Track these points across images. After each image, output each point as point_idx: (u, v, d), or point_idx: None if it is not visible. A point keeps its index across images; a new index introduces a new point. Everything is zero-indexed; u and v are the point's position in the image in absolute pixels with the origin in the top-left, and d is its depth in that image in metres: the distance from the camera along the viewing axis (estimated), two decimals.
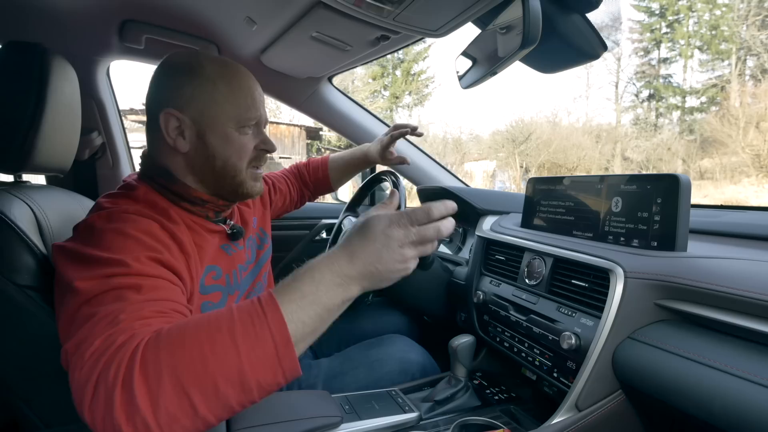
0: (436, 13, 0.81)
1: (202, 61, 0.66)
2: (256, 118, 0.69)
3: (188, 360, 0.40)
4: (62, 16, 0.99)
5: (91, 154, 1.30)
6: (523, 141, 15.16)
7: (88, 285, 0.47)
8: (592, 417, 0.66)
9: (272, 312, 0.43)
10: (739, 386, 0.50)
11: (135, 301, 0.46)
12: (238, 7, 0.94)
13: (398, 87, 20.10)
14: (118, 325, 0.43)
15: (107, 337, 0.42)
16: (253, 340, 0.42)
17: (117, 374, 0.39)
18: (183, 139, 0.65)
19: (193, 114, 0.65)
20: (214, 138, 0.66)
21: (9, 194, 0.64)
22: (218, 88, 0.65)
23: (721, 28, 14.35)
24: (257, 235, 0.87)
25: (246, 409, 0.55)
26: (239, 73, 0.68)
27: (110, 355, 0.40)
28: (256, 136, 0.70)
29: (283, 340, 0.42)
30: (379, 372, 0.88)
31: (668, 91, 15.96)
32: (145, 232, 0.55)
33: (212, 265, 0.68)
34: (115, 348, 0.41)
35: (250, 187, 0.71)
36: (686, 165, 13.11)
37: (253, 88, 0.69)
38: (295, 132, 13.54)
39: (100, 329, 0.43)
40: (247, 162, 0.69)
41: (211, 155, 0.66)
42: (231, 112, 0.66)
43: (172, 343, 0.41)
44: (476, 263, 1.05)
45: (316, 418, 0.60)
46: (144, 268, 0.51)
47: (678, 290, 0.61)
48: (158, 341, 0.41)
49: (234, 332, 0.42)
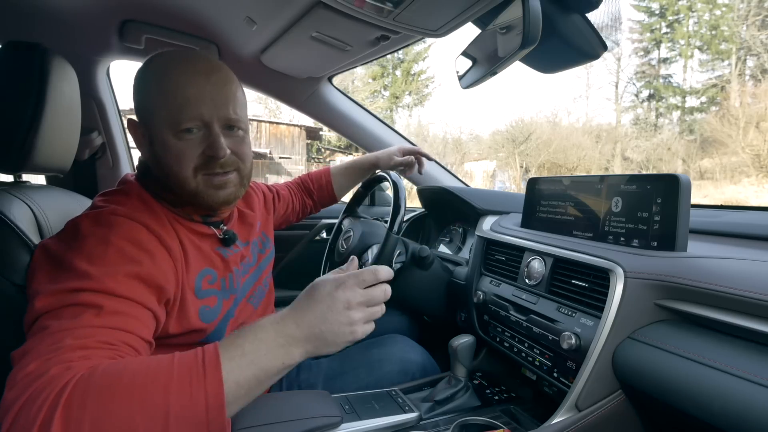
0: (436, 13, 0.81)
1: (151, 61, 0.63)
2: (197, 119, 0.60)
3: (114, 413, 0.38)
4: (62, 16, 0.99)
5: (91, 154, 1.30)
6: (523, 141, 15.16)
7: (51, 300, 0.47)
8: (592, 417, 0.66)
9: (212, 372, 0.42)
10: (739, 386, 0.50)
11: (88, 325, 0.45)
12: (238, 7, 0.94)
13: (398, 87, 20.11)
14: (58, 352, 0.42)
15: (43, 362, 0.41)
16: (186, 400, 0.40)
17: (39, 412, 0.37)
18: (143, 146, 0.65)
19: (142, 119, 0.64)
20: (157, 145, 0.61)
21: (9, 194, 0.64)
22: (151, 90, 0.61)
23: (721, 28, 14.35)
24: (259, 239, 0.86)
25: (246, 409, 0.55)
26: (173, 71, 0.60)
27: (38, 387, 0.39)
28: (204, 139, 0.61)
29: (216, 403, 0.41)
30: (379, 372, 0.88)
31: (668, 91, 15.97)
32: (130, 240, 0.54)
33: (208, 269, 0.67)
34: (45, 379, 0.39)
35: (209, 196, 0.64)
36: (686, 165, 13.11)
37: (188, 85, 0.59)
38: (295, 132, 13.54)
39: (42, 349, 0.43)
40: (192, 170, 0.61)
41: (158, 163, 0.62)
42: (163, 117, 0.60)
43: (103, 390, 0.39)
44: (476, 263, 1.05)
45: (316, 418, 0.60)
46: (115, 287, 0.49)
47: (678, 290, 0.61)
48: (89, 384, 0.39)
49: (168, 388, 0.40)
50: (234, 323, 0.71)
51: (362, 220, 1.15)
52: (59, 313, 0.46)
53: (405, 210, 0.95)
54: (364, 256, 1.04)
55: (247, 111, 0.70)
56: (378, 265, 0.53)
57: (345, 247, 1.08)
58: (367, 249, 1.05)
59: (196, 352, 0.44)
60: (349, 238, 1.11)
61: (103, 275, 0.49)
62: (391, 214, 0.94)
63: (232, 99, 0.63)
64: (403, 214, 0.94)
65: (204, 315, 0.64)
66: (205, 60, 0.63)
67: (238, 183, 0.68)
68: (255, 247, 0.84)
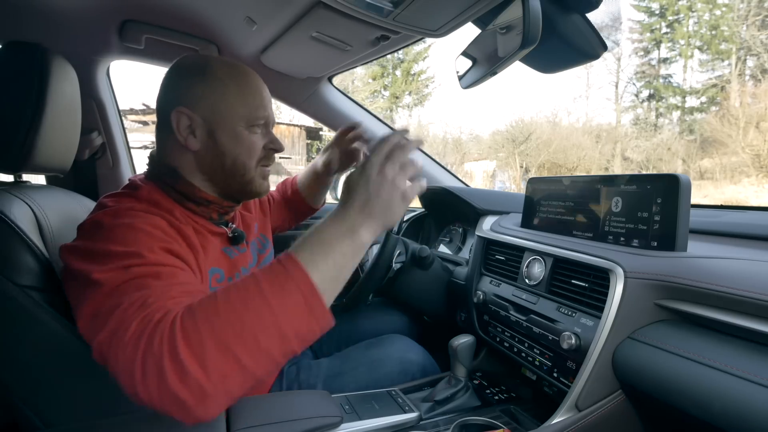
0: (436, 13, 0.81)
1: (212, 63, 0.68)
2: (265, 118, 0.70)
3: (225, 321, 0.42)
4: (62, 16, 0.98)
5: (91, 154, 1.30)
6: (523, 141, 15.16)
7: (108, 276, 0.48)
8: (592, 417, 0.66)
9: (292, 266, 0.45)
10: (739, 386, 0.50)
11: (158, 287, 0.47)
12: (238, 7, 0.94)
13: (398, 87, 20.11)
14: (150, 307, 0.44)
15: (143, 319, 0.43)
16: (280, 293, 0.44)
17: (161, 346, 0.40)
18: (194, 137, 0.66)
19: (204, 112, 0.66)
20: (225, 136, 0.67)
21: (9, 194, 0.64)
22: (229, 87, 0.67)
23: (721, 28, 14.35)
24: (258, 240, 0.88)
25: (246, 409, 0.55)
26: (248, 74, 0.70)
27: (150, 332, 0.41)
28: (265, 135, 0.72)
29: (309, 289, 0.45)
30: (379, 372, 0.88)
31: (668, 91, 15.97)
32: (154, 226, 0.56)
33: (215, 268, 0.68)
34: (153, 324, 0.42)
35: (259, 185, 0.72)
36: (686, 165, 13.11)
37: (262, 89, 0.71)
38: (295, 132, 13.54)
39: (132, 314, 0.44)
40: (257, 161, 0.70)
41: (221, 153, 0.67)
42: (241, 111, 0.67)
43: (207, 309, 0.43)
44: (476, 263, 1.05)
45: (316, 418, 0.60)
46: (159, 258, 0.52)
47: (678, 290, 0.61)
48: (193, 311, 0.43)
49: (262, 290, 0.44)
50: None
51: None
52: (124, 289, 0.47)
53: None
54: (364, 256, 1.04)
55: None
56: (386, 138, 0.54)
57: None
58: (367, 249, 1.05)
59: (271, 262, 0.47)
60: None
61: (144, 251, 0.51)
62: None
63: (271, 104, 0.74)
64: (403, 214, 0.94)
65: None
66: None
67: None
68: (254, 248, 0.85)
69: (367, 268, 0.95)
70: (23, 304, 0.57)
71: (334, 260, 0.47)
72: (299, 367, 0.88)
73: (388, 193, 0.51)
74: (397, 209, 0.52)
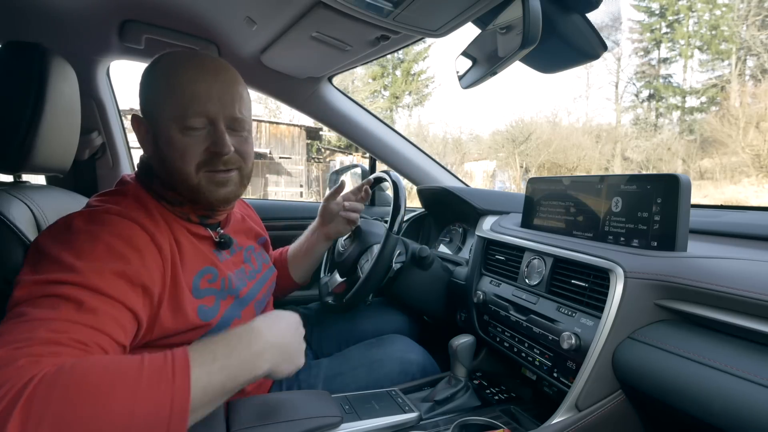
0: (436, 13, 0.81)
1: (160, 60, 0.64)
2: (203, 116, 0.61)
3: (78, 414, 0.38)
4: (62, 16, 0.99)
5: (91, 154, 1.30)
6: (523, 141, 15.16)
7: (32, 289, 0.47)
8: (592, 417, 0.66)
9: (181, 377, 0.42)
10: (739, 386, 0.50)
11: (64, 319, 0.45)
12: (238, 7, 0.94)
13: (398, 87, 20.11)
14: (29, 343, 0.42)
15: (12, 351, 0.41)
16: (152, 405, 0.40)
17: (2, 400, 0.36)
18: (147, 142, 0.66)
19: (147, 115, 0.65)
20: (161, 141, 0.62)
21: (8, 194, 0.64)
22: (159, 86, 0.62)
23: (721, 28, 14.35)
24: (262, 251, 0.89)
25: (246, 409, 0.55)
26: (182, 68, 0.62)
27: (2, 376, 0.38)
28: (208, 136, 0.63)
29: (181, 410, 0.41)
30: (379, 372, 0.88)
31: (668, 91, 15.97)
32: (120, 237, 0.54)
33: (208, 267, 0.67)
34: (12, 369, 0.39)
35: (209, 192, 0.65)
36: (686, 165, 13.11)
37: (196, 82, 0.61)
38: (295, 132, 13.54)
39: (13, 336, 0.42)
40: (195, 166, 0.63)
41: (161, 159, 0.63)
42: (169, 112, 0.61)
43: (68, 388, 0.38)
44: (476, 263, 1.05)
45: (316, 418, 0.60)
46: (99, 284, 0.49)
47: (678, 290, 0.61)
48: (55, 381, 0.38)
49: (136, 392, 0.40)
50: (238, 324, 0.71)
51: (362, 220, 1.15)
52: (38, 302, 0.46)
53: (405, 210, 0.95)
54: (364, 256, 1.04)
55: (251, 112, 0.71)
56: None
57: (345, 247, 1.08)
58: (367, 249, 1.05)
59: (165, 355, 0.44)
60: (349, 239, 1.11)
61: (88, 270, 0.49)
62: (391, 214, 0.94)
63: (238, 99, 0.65)
64: (403, 214, 0.94)
65: (202, 313, 0.64)
66: (214, 60, 0.65)
67: (238, 182, 0.69)
68: (259, 257, 0.85)
69: (367, 268, 0.95)
70: None
71: (222, 382, 0.46)
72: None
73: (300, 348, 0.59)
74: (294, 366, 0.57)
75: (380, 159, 1.56)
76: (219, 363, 0.46)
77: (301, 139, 13.67)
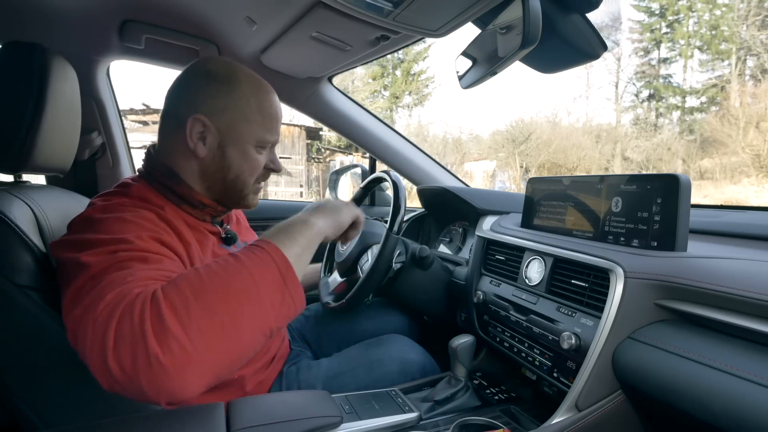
0: (436, 13, 0.81)
1: (239, 75, 0.68)
2: (275, 141, 0.73)
3: (209, 284, 0.43)
4: (62, 16, 0.99)
5: (91, 154, 1.30)
6: (523, 141, 15.16)
7: (94, 260, 0.48)
8: (592, 417, 0.66)
9: (266, 244, 0.51)
10: (739, 386, 0.50)
11: (142, 269, 0.47)
12: (238, 7, 0.94)
13: (398, 87, 20.10)
14: (130, 283, 0.44)
15: (119, 291, 0.42)
16: (259, 264, 0.48)
17: (143, 312, 0.39)
18: (203, 144, 0.67)
19: (221, 124, 0.67)
20: (234, 151, 0.68)
21: (9, 194, 0.64)
22: (250, 106, 0.68)
23: (721, 28, 14.35)
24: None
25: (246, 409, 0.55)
26: (271, 95, 0.71)
27: (129, 302, 0.41)
28: (269, 155, 0.74)
29: (283, 261, 0.50)
30: (379, 372, 0.88)
31: (668, 91, 15.97)
32: (144, 218, 0.57)
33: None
34: (133, 295, 0.41)
35: (251, 200, 0.75)
36: (686, 165, 13.12)
37: (279, 112, 0.73)
38: (295, 132, 13.54)
39: (109, 288, 0.43)
40: (255, 178, 0.73)
41: (226, 166, 0.69)
42: (256, 132, 0.69)
43: (190, 277, 0.44)
44: (476, 263, 1.05)
45: (316, 418, 0.60)
46: (147, 245, 0.52)
47: (678, 290, 0.61)
48: (175, 281, 0.43)
49: (242, 261, 0.47)
50: None
51: None
52: (107, 271, 0.47)
53: (405, 210, 0.95)
54: (364, 256, 1.04)
55: None
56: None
57: (345, 247, 1.08)
58: (367, 249, 1.05)
59: (247, 245, 0.52)
60: None
61: (132, 238, 0.52)
62: (391, 214, 0.94)
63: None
64: (403, 214, 0.94)
65: None
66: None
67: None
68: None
69: (367, 268, 0.95)
70: (23, 304, 0.57)
71: (299, 243, 0.55)
72: (299, 367, 0.88)
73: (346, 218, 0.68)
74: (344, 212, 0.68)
75: (380, 159, 1.56)
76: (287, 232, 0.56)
77: (301, 139, 13.67)
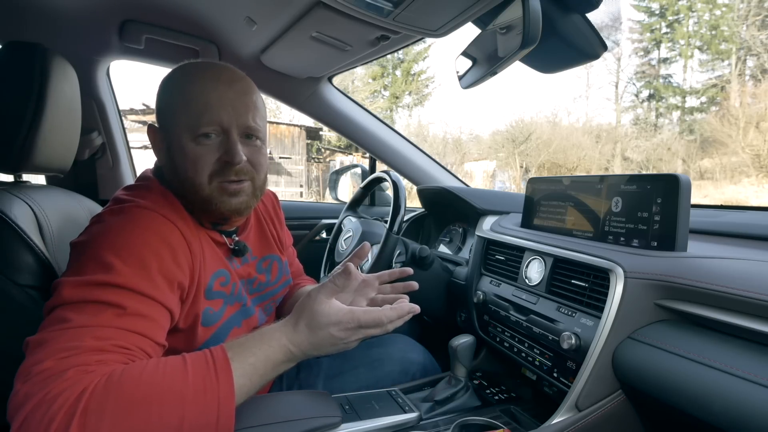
0: (436, 13, 0.81)
1: (175, 70, 0.64)
2: (216, 125, 0.60)
3: (132, 424, 0.40)
4: (62, 16, 0.99)
5: (91, 154, 1.30)
6: (523, 141, 15.16)
7: (76, 292, 0.48)
8: (592, 417, 0.66)
9: (224, 380, 0.46)
10: (739, 386, 0.50)
11: (108, 325, 0.46)
12: (238, 7, 0.94)
13: (398, 87, 20.10)
14: (76, 352, 0.43)
15: (60, 361, 0.42)
16: (201, 408, 0.43)
17: (55, 415, 0.38)
18: (160, 152, 0.66)
19: (162, 124, 0.65)
20: (174, 151, 0.62)
21: (9, 194, 0.64)
22: (174, 95, 0.62)
23: (721, 28, 14.35)
24: (287, 263, 0.87)
25: (246, 409, 0.55)
26: (197, 77, 0.62)
27: (55, 388, 0.40)
28: (221, 146, 0.61)
29: (227, 410, 0.45)
30: (379, 372, 0.88)
31: (668, 91, 15.97)
32: (156, 233, 0.56)
33: (222, 270, 0.67)
34: (63, 381, 0.40)
35: (221, 203, 0.63)
36: (686, 165, 13.12)
37: (210, 91, 0.60)
38: (295, 132, 13.54)
39: (60, 345, 0.43)
40: (208, 176, 0.61)
41: (174, 169, 0.63)
42: (183, 121, 0.60)
43: (120, 399, 0.41)
44: (476, 263, 1.05)
45: (316, 418, 0.60)
46: (139, 284, 0.50)
47: (678, 290, 0.61)
48: (107, 393, 0.41)
49: (184, 398, 0.43)
50: (237, 333, 0.70)
51: (362, 220, 1.15)
52: (82, 308, 0.47)
53: (405, 210, 0.95)
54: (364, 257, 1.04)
55: (266, 122, 0.70)
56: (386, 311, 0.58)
57: (345, 247, 1.08)
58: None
59: (206, 358, 0.47)
60: (349, 238, 1.11)
61: (128, 270, 0.50)
62: (391, 214, 0.94)
63: (252, 108, 0.64)
64: (403, 214, 0.94)
65: (206, 317, 0.64)
66: (229, 70, 0.65)
67: (251, 193, 0.67)
68: (280, 268, 0.83)
69: (367, 268, 0.95)
70: (23, 303, 0.57)
71: (260, 375, 0.50)
72: (299, 367, 0.88)
73: (340, 346, 0.56)
74: (332, 350, 0.56)
75: (380, 159, 1.56)
76: (258, 357, 0.50)
77: (301, 139, 13.67)
